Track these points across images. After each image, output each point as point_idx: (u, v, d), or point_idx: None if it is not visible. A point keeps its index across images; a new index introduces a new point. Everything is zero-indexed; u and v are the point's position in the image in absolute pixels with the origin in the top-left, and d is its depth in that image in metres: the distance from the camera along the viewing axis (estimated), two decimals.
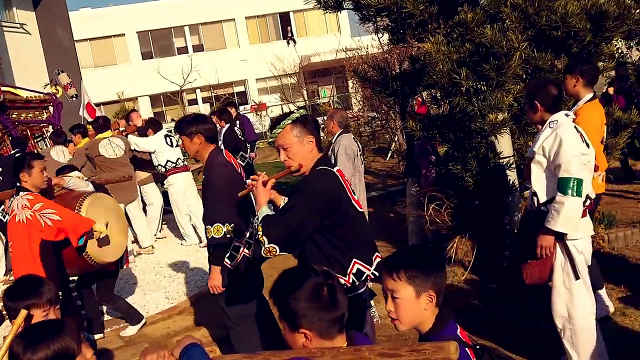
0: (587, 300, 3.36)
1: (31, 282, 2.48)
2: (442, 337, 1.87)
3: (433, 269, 1.96)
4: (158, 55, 31.79)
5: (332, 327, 1.76)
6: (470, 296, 5.09)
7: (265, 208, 2.67)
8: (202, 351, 1.81)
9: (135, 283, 6.61)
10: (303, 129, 2.78)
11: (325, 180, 2.72)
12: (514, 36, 4.36)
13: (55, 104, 9.88)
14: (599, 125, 4.14)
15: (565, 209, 3.14)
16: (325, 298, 1.75)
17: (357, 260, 2.74)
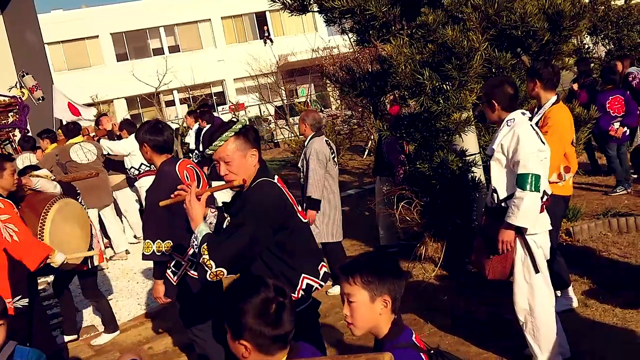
0: (547, 294, 3.45)
1: None
2: (397, 343, 1.92)
3: (389, 274, 1.99)
4: (133, 57, 31.55)
5: (273, 344, 1.75)
6: (440, 292, 5.17)
7: (204, 226, 2.51)
8: None
9: (107, 290, 6.56)
10: (246, 142, 2.62)
11: (270, 193, 2.60)
12: (475, 36, 4.43)
13: (21, 107, 9.74)
14: (569, 127, 4.22)
15: (524, 203, 3.22)
16: (271, 315, 1.73)
17: (305, 275, 2.66)
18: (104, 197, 7.66)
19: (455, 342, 4.21)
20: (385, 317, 1.98)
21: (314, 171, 5.32)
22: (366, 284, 1.95)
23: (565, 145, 4.06)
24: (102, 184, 7.59)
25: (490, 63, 5.01)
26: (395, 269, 2.03)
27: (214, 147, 2.60)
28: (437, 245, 5.60)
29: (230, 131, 2.59)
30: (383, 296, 1.95)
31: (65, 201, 4.70)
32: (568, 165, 4.08)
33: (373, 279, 1.95)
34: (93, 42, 31.36)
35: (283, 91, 24.19)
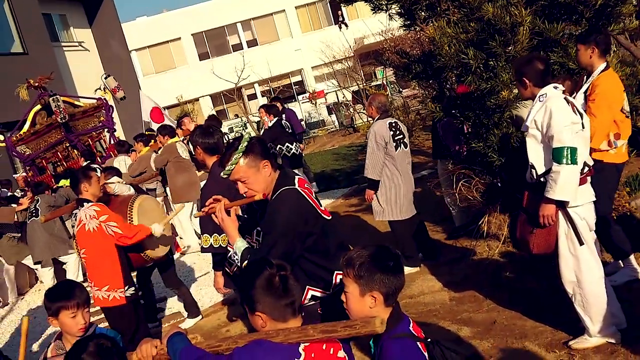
0: (594, 265, 3.44)
1: (64, 287, 2.87)
2: (395, 333, 2.02)
3: (381, 271, 2.03)
4: (214, 55, 32.70)
5: (284, 311, 1.98)
6: (503, 269, 5.18)
7: (241, 242, 2.70)
8: (183, 337, 2.16)
9: (192, 279, 7.10)
10: (255, 157, 2.72)
11: (294, 203, 2.70)
12: (517, 11, 4.38)
13: (107, 108, 10.58)
14: (618, 94, 4.12)
15: (561, 177, 3.23)
16: (277, 287, 1.98)
17: (338, 272, 2.77)
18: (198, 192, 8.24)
19: (512, 316, 4.26)
20: (378, 310, 2.04)
21: (371, 152, 5.58)
22: (357, 278, 2.04)
23: (614, 113, 3.96)
24: (197, 180, 8.21)
25: (541, 35, 4.92)
26: (392, 266, 2.06)
27: (227, 172, 2.75)
28: (501, 222, 5.59)
29: (237, 153, 2.71)
30: (372, 292, 2.02)
31: (142, 197, 5.26)
32: (619, 132, 3.98)
33: (363, 274, 2.03)
34: (176, 44, 32.81)
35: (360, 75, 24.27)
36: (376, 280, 2.03)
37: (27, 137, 9.93)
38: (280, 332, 1.93)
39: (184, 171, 8.02)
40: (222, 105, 32.94)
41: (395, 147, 5.62)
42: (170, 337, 2.16)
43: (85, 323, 2.75)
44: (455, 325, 4.34)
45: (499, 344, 3.95)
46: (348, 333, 1.89)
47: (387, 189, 5.62)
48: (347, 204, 9.05)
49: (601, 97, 3.93)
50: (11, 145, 10.05)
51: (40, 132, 9.94)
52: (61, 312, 2.70)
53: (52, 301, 2.74)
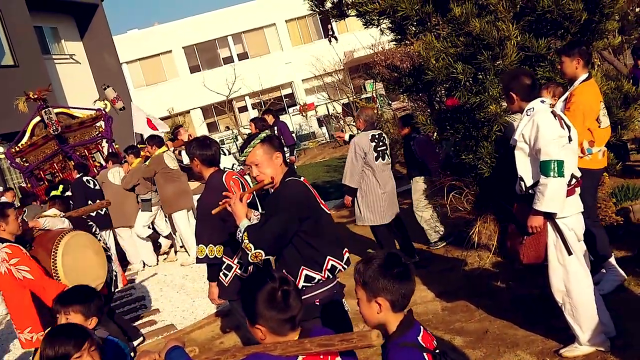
0: (583, 275, 3.52)
1: (79, 291, 2.93)
2: (402, 342, 2.04)
3: (386, 278, 2.06)
4: (205, 67, 32.78)
5: (283, 326, 2.00)
6: (493, 278, 5.27)
7: (246, 220, 2.97)
8: (182, 352, 2.18)
9: (185, 292, 7.11)
10: (270, 147, 3.07)
11: (296, 189, 3.03)
12: (505, 26, 4.50)
13: (106, 119, 10.60)
14: (594, 104, 4.25)
15: (549, 189, 3.33)
16: (278, 302, 1.99)
17: (330, 257, 3.03)
18: (191, 200, 8.26)
19: (504, 325, 4.33)
20: (386, 316, 2.08)
21: (349, 161, 5.98)
22: (363, 285, 2.09)
23: (589, 122, 4.10)
24: (188, 189, 8.25)
25: (528, 50, 5.04)
26: (398, 273, 2.07)
27: (245, 154, 3.09)
28: (491, 232, 5.68)
29: (257, 139, 3.07)
30: (377, 298, 2.06)
31: (73, 234, 4.76)
32: (592, 140, 4.11)
33: (368, 280, 2.07)
34: (167, 56, 32.88)
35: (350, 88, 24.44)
36: (381, 287, 2.06)
37: (25, 149, 10.06)
38: (278, 346, 1.96)
39: (173, 181, 8.07)
40: (213, 118, 33.00)
41: (375, 157, 5.96)
42: (169, 351, 2.19)
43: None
44: (448, 335, 4.40)
45: (491, 353, 4.01)
46: (345, 347, 1.92)
47: (367, 197, 5.95)
48: (338, 215, 9.12)
49: (576, 106, 4.10)
50: (10, 157, 10.18)
51: (37, 144, 10.04)
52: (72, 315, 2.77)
53: (60, 303, 2.81)
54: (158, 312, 6.61)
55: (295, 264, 2.97)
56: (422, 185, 6.45)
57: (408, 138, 6.57)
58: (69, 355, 2.25)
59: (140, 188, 8.33)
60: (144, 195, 8.36)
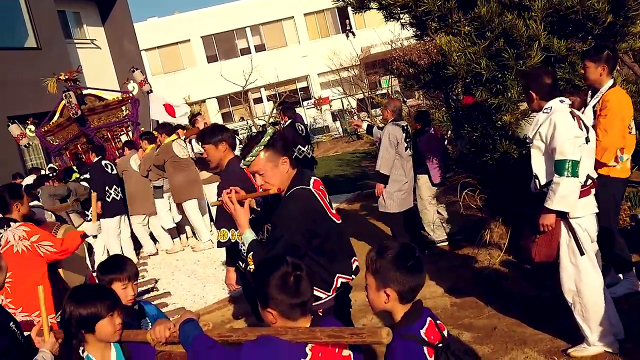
0: (594, 275, 3.53)
1: (116, 261, 2.99)
2: (404, 333, 2.06)
3: (398, 269, 2.07)
4: (223, 58, 32.88)
5: (294, 310, 2.01)
6: (503, 277, 5.28)
7: (249, 232, 2.78)
8: (195, 325, 2.23)
9: (196, 277, 7.19)
10: (275, 152, 2.81)
11: (305, 202, 2.80)
12: (535, 25, 4.48)
13: (133, 101, 10.57)
14: (628, 109, 4.21)
15: (561, 189, 3.34)
16: (290, 286, 2.00)
17: (340, 275, 2.90)
18: (201, 190, 8.33)
19: (512, 323, 4.36)
20: (393, 306, 2.10)
21: (384, 149, 6.06)
22: (374, 273, 2.11)
23: (622, 128, 4.07)
24: (198, 178, 8.29)
25: (548, 51, 5.03)
26: (410, 265, 2.08)
27: (247, 163, 2.84)
28: (502, 231, 5.70)
29: (259, 145, 2.80)
30: (386, 289, 2.08)
31: (66, 227, 4.88)
32: (623, 147, 4.09)
33: (380, 270, 2.08)
34: (185, 45, 33.02)
35: (366, 83, 24.41)
36: (391, 278, 2.07)
37: (52, 129, 10.32)
38: (289, 331, 1.98)
39: (182, 170, 8.07)
40: (229, 108, 33.12)
41: (405, 148, 6.13)
42: (183, 323, 2.24)
43: (134, 295, 2.88)
44: (457, 330, 4.43)
45: (498, 349, 4.04)
46: (354, 340, 1.93)
47: (392, 185, 6.09)
48: (350, 209, 9.16)
49: (613, 113, 4.02)
50: (41, 136, 10.45)
51: (62, 125, 10.23)
52: (114, 284, 2.79)
53: (105, 273, 2.85)
54: (169, 295, 6.70)
55: None
56: (426, 184, 6.47)
57: (417, 134, 6.59)
58: (100, 316, 2.34)
59: (152, 175, 8.36)
60: (155, 182, 8.39)
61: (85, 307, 2.34)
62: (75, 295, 2.43)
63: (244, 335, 2.11)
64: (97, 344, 2.41)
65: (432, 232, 6.55)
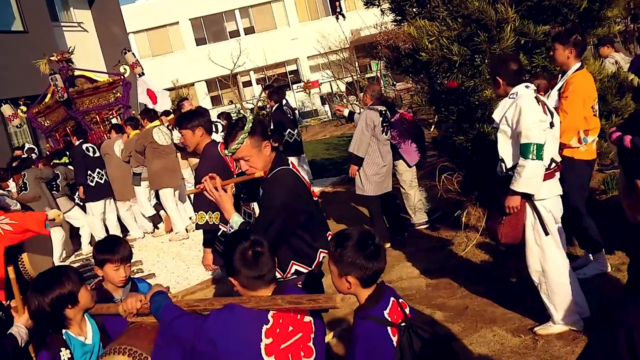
0: (558, 255, 3.65)
1: (111, 242, 3.04)
2: (366, 315, 2.13)
3: (358, 256, 2.13)
4: (212, 41, 32.66)
5: (254, 282, 2.18)
6: (479, 258, 5.40)
7: (237, 216, 2.87)
8: (165, 296, 2.38)
9: (181, 258, 7.29)
10: (258, 137, 2.92)
11: (290, 181, 2.94)
12: (503, 8, 4.56)
13: (124, 84, 10.49)
14: (592, 91, 4.33)
15: (526, 171, 3.45)
16: (249, 261, 2.17)
17: (322, 250, 3.02)
18: (179, 179, 8.33)
19: (485, 303, 4.48)
20: (355, 290, 2.18)
21: (359, 131, 6.13)
22: (336, 261, 2.18)
23: (586, 110, 4.17)
24: (177, 167, 8.28)
25: (525, 35, 5.11)
26: (370, 253, 2.14)
27: (232, 150, 2.91)
28: (480, 214, 5.81)
29: (244, 132, 2.88)
30: (347, 276, 2.15)
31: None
32: (588, 128, 4.20)
33: (341, 258, 2.15)
34: (174, 28, 32.76)
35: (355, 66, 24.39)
36: (352, 265, 2.13)
37: (43, 111, 10.33)
38: (252, 299, 2.13)
39: (161, 157, 8.03)
40: (217, 91, 32.98)
41: (382, 131, 6.16)
42: (153, 295, 2.38)
43: (126, 276, 2.95)
44: (430, 310, 4.55)
45: (469, 327, 4.17)
46: (312, 306, 2.09)
47: (369, 168, 6.14)
48: (334, 192, 9.27)
49: (575, 95, 4.14)
50: (32, 117, 10.47)
51: (52, 107, 10.21)
52: (106, 265, 2.89)
53: (99, 253, 2.94)
54: (153, 276, 6.80)
55: (285, 259, 2.95)
56: (404, 168, 6.55)
57: None
58: (76, 292, 2.47)
59: (132, 161, 8.31)
60: (135, 169, 8.35)
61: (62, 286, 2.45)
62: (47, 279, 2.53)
63: (210, 304, 2.24)
64: (74, 319, 2.52)
65: (414, 215, 6.66)
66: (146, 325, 2.38)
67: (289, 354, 2.11)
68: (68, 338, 2.49)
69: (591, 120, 4.25)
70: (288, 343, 2.11)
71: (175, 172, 8.23)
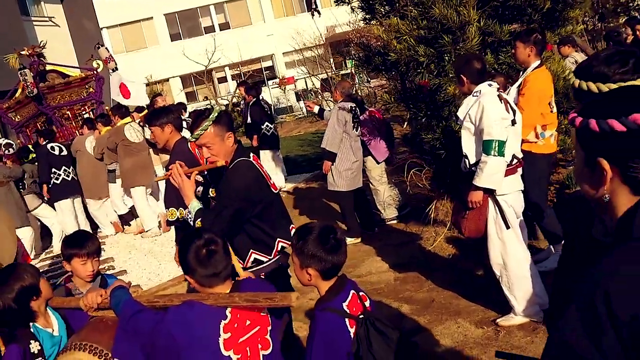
0: (519, 249, 3.78)
1: (79, 237, 3.06)
2: (325, 307, 2.21)
3: (319, 249, 2.20)
4: (186, 36, 32.41)
5: (208, 280, 2.20)
6: (446, 253, 5.53)
7: (196, 202, 3.01)
8: (125, 291, 2.40)
9: (153, 255, 7.28)
10: (222, 127, 3.01)
11: (248, 171, 3.03)
12: (465, 11, 4.67)
13: (97, 79, 10.31)
14: (547, 89, 4.48)
15: (488, 167, 3.56)
16: (202, 259, 2.19)
17: (280, 239, 3.10)
18: (151, 176, 8.26)
19: (450, 296, 4.60)
20: (316, 282, 2.25)
21: (331, 127, 6.20)
22: (297, 254, 2.25)
23: (542, 106, 4.32)
24: (149, 164, 8.21)
25: (491, 35, 5.23)
26: (330, 246, 2.22)
27: (196, 136, 3.00)
28: (448, 209, 5.93)
29: (208, 120, 2.98)
30: (307, 268, 2.22)
31: None
32: (545, 124, 4.35)
33: (302, 250, 2.23)
34: (148, 23, 32.40)
35: (331, 63, 24.46)
36: (313, 257, 2.20)
37: (13, 106, 10.12)
38: (210, 296, 2.16)
39: (132, 155, 7.94)
40: (192, 87, 32.76)
41: (353, 127, 6.25)
42: (114, 290, 2.41)
43: (94, 270, 2.97)
44: (397, 303, 4.66)
45: (434, 320, 4.28)
46: (268, 304, 2.14)
47: (341, 164, 6.22)
48: (307, 188, 9.33)
49: (530, 92, 4.31)
50: (2, 112, 10.23)
51: (23, 102, 10.02)
52: (73, 259, 2.92)
53: (66, 248, 2.96)
54: (125, 273, 6.78)
55: (244, 248, 3.05)
56: (373, 164, 6.62)
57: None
58: (37, 284, 2.52)
59: (106, 158, 8.20)
60: (109, 166, 8.24)
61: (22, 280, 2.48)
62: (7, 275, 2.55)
63: (170, 301, 2.27)
64: (39, 310, 2.55)
65: (384, 211, 6.75)
66: (107, 320, 2.41)
67: (247, 347, 2.15)
68: (36, 331, 2.52)
69: (548, 116, 4.40)
70: (246, 337, 2.15)
71: (147, 169, 8.16)
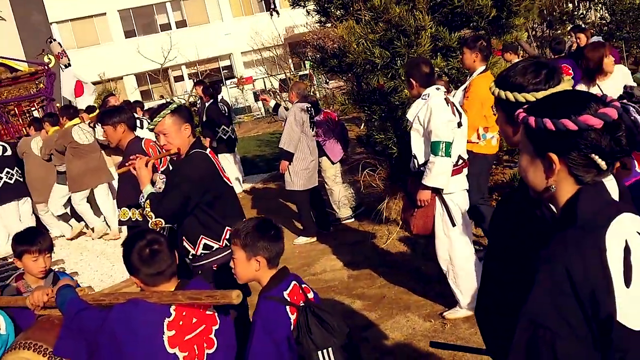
0: (464, 245, 3.95)
1: (30, 233, 3.05)
2: (268, 295, 2.34)
3: (264, 239, 2.36)
4: (141, 33, 31.93)
5: (153, 279, 2.25)
6: (398, 250, 5.69)
7: (149, 186, 3.16)
8: (71, 289, 2.43)
9: (105, 256, 7.21)
10: (180, 118, 3.16)
11: (201, 162, 3.16)
12: (421, 15, 4.84)
13: (48, 75, 10.01)
14: (488, 94, 4.66)
15: (436, 167, 3.72)
16: (146, 259, 2.23)
17: (229, 228, 3.08)
18: (104, 176, 8.08)
19: (401, 292, 4.76)
20: (262, 272, 2.39)
21: (289, 127, 6.26)
22: (243, 246, 2.37)
23: (485, 109, 4.53)
24: (101, 164, 8.03)
25: (440, 40, 5.43)
26: (273, 234, 2.40)
27: (154, 123, 3.16)
28: (399, 208, 6.10)
29: (167, 110, 3.15)
30: (256, 257, 2.36)
31: None
32: (487, 126, 4.56)
33: (249, 242, 2.35)
34: (101, 19, 31.77)
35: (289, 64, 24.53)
36: (260, 247, 2.35)
37: None
38: (154, 294, 2.21)
39: (81, 157, 7.68)
40: (147, 86, 32.26)
41: (309, 127, 6.36)
42: (60, 288, 2.43)
43: (46, 267, 2.97)
44: (350, 299, 4.78)
45: (385, 315, 4.42)
46: (210, 301, 2.20)
47: (298, 163, 6.31)
48: (264, 188, 9.40)
49: (474, 96, 4.53)
50: None
51: None
52: (24, 256, 2.91)
53: (17, 244, 2.95)
54: (76, 275, 6.67)
55: (194, 233, 3.17)
56: (327, 164, 6.72)
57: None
58: None
59: (55, 159, 7.93)
60: (59, 167, 7.97)
61: None
62: None
63: (115, 299, 2.31)
64: None
65: (338, 210, 6.88)
66: (53, 319, 2.42)
67: (194, 345, 2.20)
68: None
69: (490, 118, 4.61)
70: (192, 335, 2.20)
71: (98, 171, 7.90)
